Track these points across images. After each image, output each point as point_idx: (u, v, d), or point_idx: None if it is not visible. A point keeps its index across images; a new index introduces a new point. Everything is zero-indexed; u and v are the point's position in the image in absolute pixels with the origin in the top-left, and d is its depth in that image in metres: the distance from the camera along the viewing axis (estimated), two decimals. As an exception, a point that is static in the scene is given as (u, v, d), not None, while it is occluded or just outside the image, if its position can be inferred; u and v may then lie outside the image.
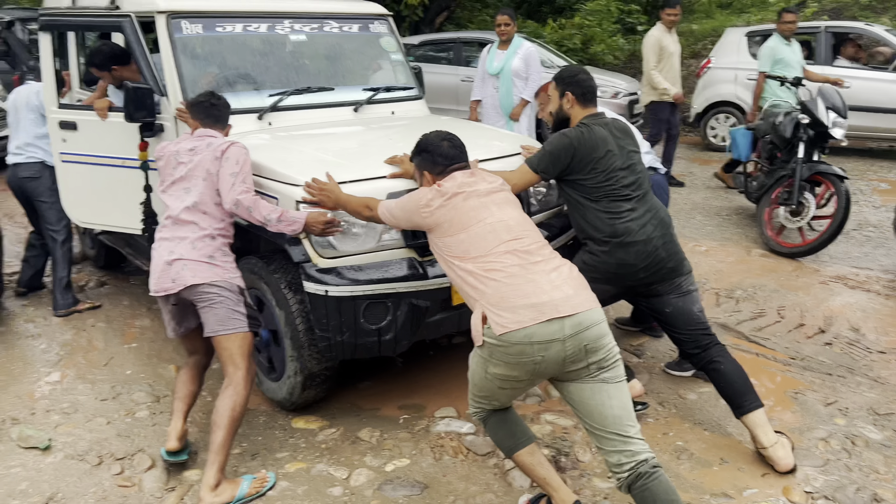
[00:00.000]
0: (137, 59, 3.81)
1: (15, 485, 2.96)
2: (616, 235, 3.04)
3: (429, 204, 2.58)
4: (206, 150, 3.00)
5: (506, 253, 2.42)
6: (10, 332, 4.46)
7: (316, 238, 3.01)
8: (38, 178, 4.59)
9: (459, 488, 2.92)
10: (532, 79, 5.80)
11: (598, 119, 3.12)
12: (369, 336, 3.04)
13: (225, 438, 2.80)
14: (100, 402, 3.61)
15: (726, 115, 9.36)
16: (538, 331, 2.27)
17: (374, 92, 4.28)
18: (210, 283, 2.86)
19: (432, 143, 2.75)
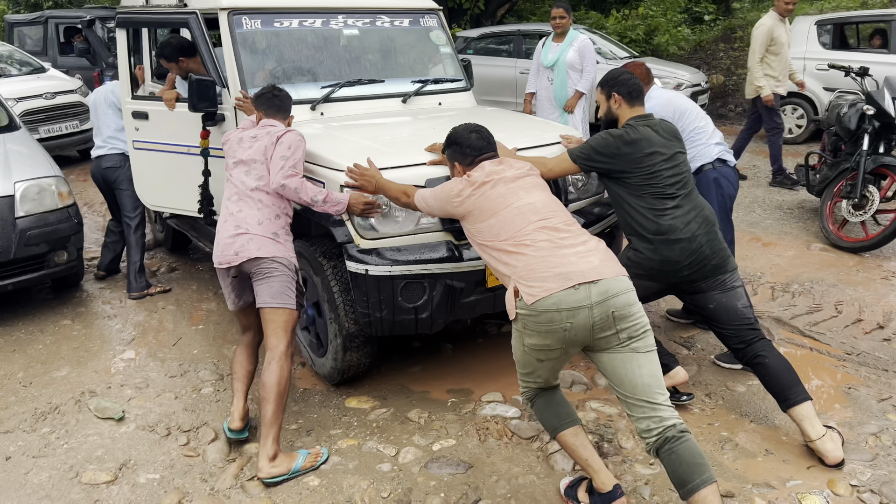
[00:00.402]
0: (201, 53, 4.06)
1: (92, 451, 3.22)
2: (660, 233, 3.07)
3: (459, 194, 2.71)
4: (266, 137, 3.18)
5: (535, 231, 2.52)
6: (89, 313, 4.78)
7: (358, 221, 3.19)
8: (119, 167, 4.91)
9: (502, 469, 3.02)
10: (587, 71, 5.80)
11: (644, 120, 3.15)
12: (406, 314, 3.21)
13: (275, 411, 2.96)
14: (169, 379, 3.86)
15: (794, 106, 9.10)
16: (565, 297, 2.36)
17: (423, 84, 4.43)
18: (272, 257, 3.03)
19: (461, 136, 2.86)
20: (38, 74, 9.52)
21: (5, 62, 9.75)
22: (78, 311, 4.79)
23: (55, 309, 4.83)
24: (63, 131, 8.87)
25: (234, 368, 3.30)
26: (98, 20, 11.29)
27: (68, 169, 8.79)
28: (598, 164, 3.14)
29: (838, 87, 7.04)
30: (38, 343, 4.33)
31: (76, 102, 9.05)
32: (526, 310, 2.42)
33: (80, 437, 3.33)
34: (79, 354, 4.17)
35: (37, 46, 11.75)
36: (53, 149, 8.60)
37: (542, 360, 2.55)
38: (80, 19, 11.26)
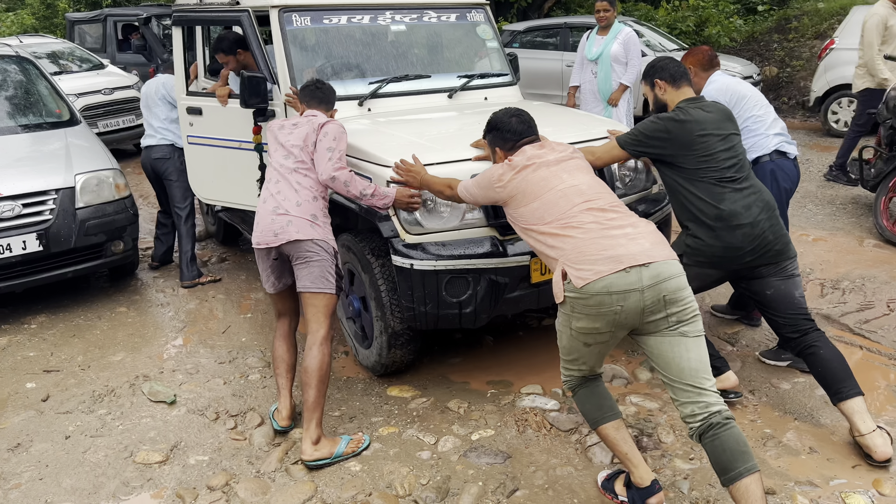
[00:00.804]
0: (253, 50, 4.17)
1: (145, 432, 3.36)
2: (721, 219, 2.99)
3: (500, 178, 2.72)
4: (307, 125, 3.24)
5: (581, 213, 2.50)
6: (143, 301, 4.97)
7: (404, 215, 3.24)
8: (168, 158, 5.09)
9: (540, 460, 3.05)
10: (632, 64, 5.75)
11: (695, 102, 3.09)
12: (450, 308, 3.25)
13: (317, 396, 3.03)
14: (218, 365, 3.99)
15: (850, 99, 8.82)
16: (616, 280, 2.34)
17: (469, 79, 4.46)
18: (312, 240, 3.07)
19: (501, 120, 2.88)
20: (98, 71, 9.87)
21: (67, 59, 10.13)
22: (133, 299, 4.98)
23: (111, 297, 5.03)
24: (120, 125, 9.20)
25: (275, 364, 3.36)
26: (154, 18, 11.63)
27: (125, 162, 9.09)
28: (649, 149, 3.09)
29: None
30: (96, 329, 4.52)
31: (133, 98, 9.36)
32: (575, 293, 2.40)
33: (134, 418, 3.48)
34: (133, 340, 4.34)
35: (96, 44, 12.17)
36: (111, 142, 8.93)
37: (589, 345, 2.54)
38: (137, 17, 11.60)
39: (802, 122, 10.39)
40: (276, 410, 3.32)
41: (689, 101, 3.11)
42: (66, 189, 4.63)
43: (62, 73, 9.58)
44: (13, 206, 4.42)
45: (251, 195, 4.33)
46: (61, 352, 4.21)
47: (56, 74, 9.28)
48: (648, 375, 3.69)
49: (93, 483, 3.01)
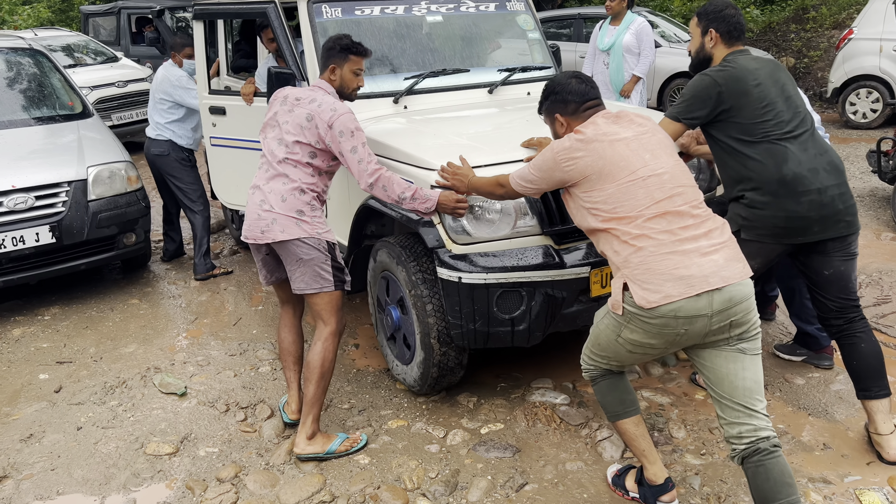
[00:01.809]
0: (280, 45, 3.92)
1: (156, 424, 3.37)
2: (784, 183, 2.71)
3: (570, 154, 2.38)
4: (307, 106, 2.95)
5: (656, 217, 2.26)
6: (155, 293, 4.99)
7: (450, 223, 2.96)
8: (166, 155, 5.01)
9: (550, 454, 3.03)
10: (644, 55, 5.68)
11: (741, 53, 2.83)
12: (502, 325, 2.98)
13: (316, 391, 2.98)
14: (229, 357, 4.00)
15: (868, 90, 8.70)
16: (685, 305, 2.18)
17: (510, 73, 4.21)
18: (298, 239, 2.91)
19: (559, 83, 2.57)
20: (112, 63, 9.94)
21: (81, 52, 10.19)
22: (145, 291, 5.00)
23: (124, 288, 5.05)
24: (134, 118, 9.25)
25: (282, 356, 3.29)
26: (167, 10, 11.66)
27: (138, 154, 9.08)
28: (702, 110, 2.79)
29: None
30: (109, 321, 4.54)
31: (146, 90, 9.37)
32: (636, 309, 2.25)
33: (145, 410, 3.49)
34: (146, 332, 4.36)
35: (110, 36, 12.24)
36: (125, 135, 8.98)
37: (633, 353, 2.41)
38: (150, 10, 11.64)
39: (820, 113, 10.23)
40: (286, 403, 3.31)
41: (737, 53, 2.86)
42: (79, 181, 4.65)
43: (76, 65, 9.64)
44: (26, 198, 4.44)
45: None
46: (74, 343, 4.24)
47: (70, 67, 9.35)
48: (661, 370, 3.65)
49: (104, 474, 3.02)
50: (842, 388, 3.42)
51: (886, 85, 8.48)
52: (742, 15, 2.93)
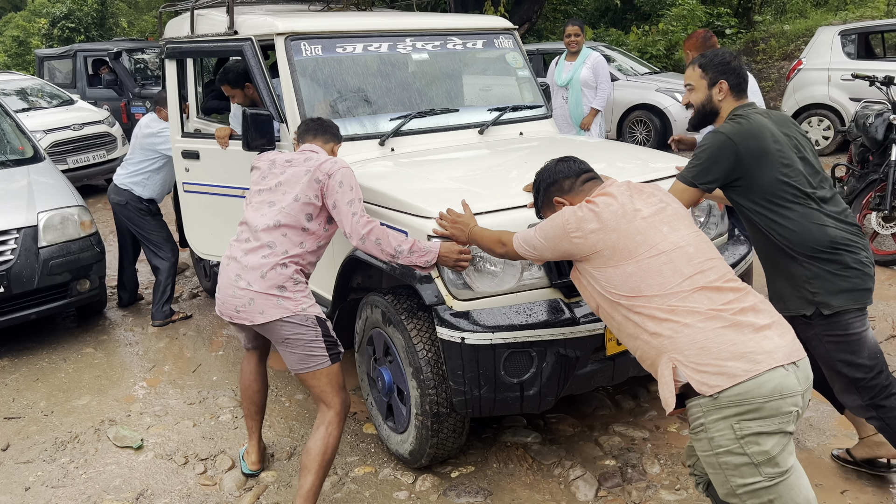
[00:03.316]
0: (257, 85, 3.68)
1: (109, 481, 3.20)
2: (835, 245, 2.48)
3: (580, 226, 2.14)
4: (303, 164, 2.78)
5: (693, 292, 2.00)
6: (111, 341, 4.81)
7: (450, 277, 2.70)
8: (124, 204, 4.83)
9: (523, 496, 2.94)
10: (601, 88, 5.77)
11: (751, 108, 2.60)
12: (510, 391, 2.69)
13: (314, 483, 2.65)
14: (188, 406, 3.85)
15: (819, 118, 8.95)
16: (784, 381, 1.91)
17: (501, 112, 4.01)
18: (281, 319, 2.65)
19: (544, 172, 2.41)
20: (67, 106, 9.75)
21: (36, 95, 10.00)
22: (100, 339, 4.82)
23: (78, 337, 4.86)
24: (91, 161, 9.05)
25: (245, 403, 3.09)
26: (125, 52, 11.55)
27: (96, 197, 8.94)
28: (721, 173, 2.52)
29: (864, 98, 6.90)
30: (61, 372, 4.35)
31: (103, 133, 9.24)
32: (736, 403, 1.89)
33: (98, 466, 3.32)
34: (100, 383, 4.19)
35: (66, 79, 12.05)
36: (81, 178, 8.79)
37: (792, 466, 1.98)
38: (107, 52, 11.52)
39: (774, 142, 10.51)
40: (245, 452, 3.17)
41: (745, 107, 2.61)
42: (29, 228, 4.48)
43: (31, 109, 9.45)
44: (-27, 246, 4.27)
45: None
46: (23, 397, 4.04)
47: (24, 111, 9.16)
48: (632, 404, 3.60)
49: (52, 538, 2.85)
50: (812, 415, 3.41)
51: (836, 113, 8.72)
52: (745, 69, 2.72)
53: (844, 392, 2.66)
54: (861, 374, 2.56)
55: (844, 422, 3.26)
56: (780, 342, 1.95)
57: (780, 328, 2.00)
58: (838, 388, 2.68)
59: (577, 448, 3.25)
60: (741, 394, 1.88)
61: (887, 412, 2.58)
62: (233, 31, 3.82)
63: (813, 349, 2.63)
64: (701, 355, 1.93)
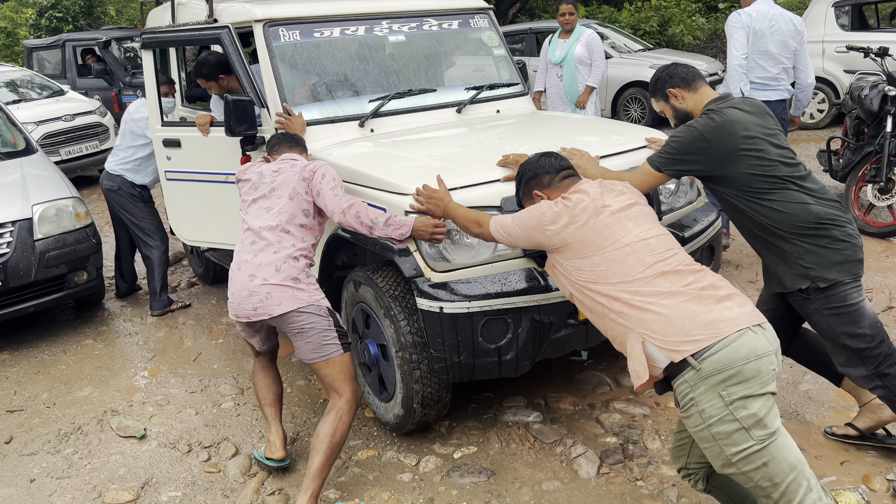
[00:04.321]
0: (236, 71, 3.74)
1: (114, 470, 3.22)
2: (821, 220, 2.55)
3: (555, 220, 2.29)
4: (291, 170, 2.95)
5: (655, 277, 2.13)
6: (110, 331, 4.81)
7: (427, 250, 2.82)
8: (116, 190, 4.81)
9: (525, 475, 2.96)
10: (596, 65, 5.74)
11: (724, 101, 2.66)
12: (488, 356, 2.83)
13: (322, 464, 2.71)
14: (189, 395, 3.86)
15: (814, 91, 8.91)
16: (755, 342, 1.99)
17: (478, 90, 4.08)
18: (297, 309, 2.75)
19: (528, 165, 2.53)
20: (58, 97, 9.67)
21: (26, 87, 9.91)
22: (100, 330, 4.82)
23: (78, 329, 4.87)
24: (83, 152, 8.99)
25: (259, 394, 3.14)
26: (114, 41, 11.44)
27: (90, 188, 8.90)
28: (690, 165, 2.64)
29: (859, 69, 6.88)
30: (62, 364, 4.36)
31: (95, 123, 9.17)
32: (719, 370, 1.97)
33: (102, 456, 3.34)
34: (101, 373, 4.19)
35: (56, 70, 11.94)
36: (75, 169, 8.74)
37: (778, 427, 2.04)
38: (96, 41, 11.41)
39: (769, 116, 10.49)
40: (267, 446, 3.09)
41: (718, 100, 2.68)
42: (24, 220, 4.47)
43: (21, 101, 9.37)
44: (-32, 241, 4.26)
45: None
46: (25, 390, 4.05)
47: (14, 103, 9.08)
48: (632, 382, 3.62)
49: (59, 528, 2.87)
50: (810, 388, 3.44)
51: (831, 85, 8.70)
52: (685, 64, 2.85)
53: (848, 364, 2.70)
54: (864, 343, 2.60)
55: (842, 394, 3.29)
56: (740, 311, 2.06)
57: (738, 299, 2.11)
58: (842, 360, 2.72)
59: (578, 426, 3.27)
60: (720, 360, 1.98)
61: (891, 380, 2.63)
62: (213, 19, 3.85)
63: (815, 324, 2.69)
64: (667, 328, 2.05)
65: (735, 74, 4.73)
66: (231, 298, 2.86)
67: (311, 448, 2.75)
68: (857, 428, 2.95)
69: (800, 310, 2.72)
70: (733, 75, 4.75)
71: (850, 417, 3.08)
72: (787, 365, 3.58)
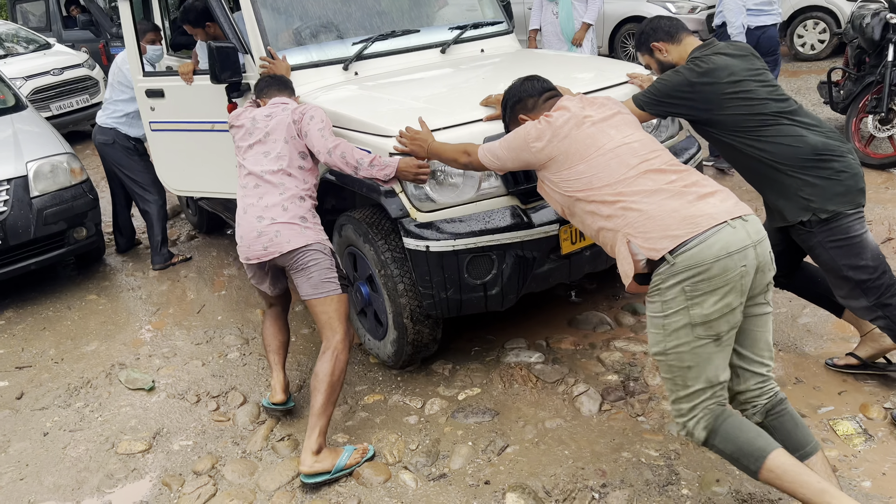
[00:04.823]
0: (217, 17, 3.71)
1: (125, 422, 3.28)
2: (819, 151, 2.55)
3: (539, 137, 2.36)
4: (282, 113, 2.98)
5: (638, 177, 2.19)
6: (113, 287, 4.84)
7: (412, 191, 2.88)
8: (111, 143, 4.76)
9: (529, 414, 3.02)
10: (592, 1, 5.60)
11: (709, 48, 2.67)
12: (475, 291, 2.94)
13: (324, 403, 2.76)
14: (195, 346, 3.90)
15: (815, 20, 8.74)
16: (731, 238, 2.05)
17: (461, 30, 4.05)
18: (305, 246, 2.81)
19: (511, 90, 2.60)
20: (45, 51, 9.48)
21: (11, 41, 9.71)
22: (103, 286, 4.85)
23: (80, 285, 4.89)
24: (74, 106, 8.87)
25: (266, 341, 3.20)
26: (98, -10, 11.16)
27: (83, 143, 8.81)
28: (674, 109, 2.70)
29: (861, -3, 6.72)
30: (67, 319, 4.40)
31: (84, 76, 9.01)
32: (689, 269, 2.04)
33: (113, 409, 3.40)
34: (107, 328, 4.23)
35: (40, 23, 11.67)
36: (66, 124, 8.64)
37: (721, 337, 2.11)
38: (80, -9, 11.14)
39: (769, 49, 10.29)
40: (271, 393, 3.14)
41: (702, 47, 2.69)
42: (19, 178, 4.44)
43: (7, 55, 9.19)
44: (-36, 200, 4.24)
45: (232, 180, 3.83)
46: (32, 346, 4.10)
47: (1, 58, 8.91)
48: (632, 320, 3.66)
49: (75, 479, 2.94)
50: (809, 321, 3.47)
51: (832, 15, 8.52)
52: (663, 18, 2.86)
53: (850, 296, 2.73)
54: (866, 275, 2.63)
55: (841, 325, 3.33)
56: (721, 206, 2.12)
57: (722, 195, 2.17)
58: (844, 293, 2.75)
59: (579, 365, 3.31)
60: (693, 256, 2.05)
61: (892, 310, 2.66)
62: None
63: (817, 257, 2.71)
64: (648, 225, 2.13)
65: (735, 8, 4.63)
66: (240, 242, 2.91)
67: (312, 388, 2.80)
68: (859, 357, 2.99)
69: (802, 244, 2.72)
70: (732, 9, 4.65)
71: (848, 348, 3.12)
72: (785, 298, 3.61)
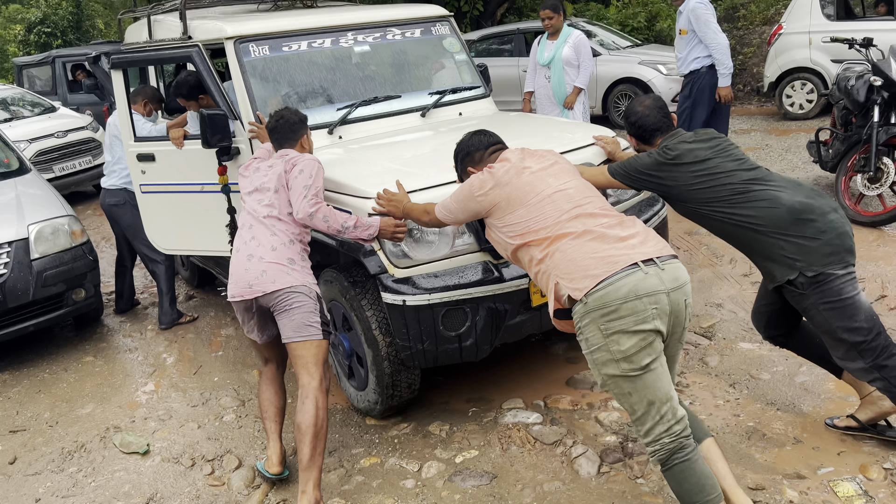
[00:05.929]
0: (208, 87, 3.89)
1: (119, 487, 3.24)
2: (798, 212, 2.60)
3: (482, 186, 2.56)
4: (281, 164, 3.10)
5: (569, 220, 2.38)
6: (110, 348, 4.83)
7: (390, 248, 3.04)
8: (122, 204, 4.82)
9: (527, 476, 2.99)
10: (584, 66, 5.76)
11: (676, 137, 2.81)
12: (450, 343, 3.07)
13: (312, 453, 2.76)
14: (191, 408, 3.88)
15: (802, 81, 8.96)
16: (640, 283, 2.20)
17: (441, 95, 4.28)
18: (289, 287, 2.88)
19: (461, 144, 2.83)
20: (49, 114, 9.68)
21: (17, 105, 9.92)
22: (100, 347, 4.84)
23: (77, 346, 4.88)
24: (77, 168, 9.00)
25: (262, 407, 3.18)
26: (104, 55, 11.42)
27: (85, 204, 8.91)
28: (646, 184, 2.86)
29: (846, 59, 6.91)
30: (63, 382, 4.38)
31: (88, 138, 9.18)
32: (601, 309, 2.21)
33: (106, 473, 3.36)
34: (102, 390, 4.21)
35: (46, 86, 11.94)
36: (69, 185, 8.75)
37: (649, 366, 2.26)
38: (85, 56, 11.41)
39: (759, 108, 10.52)
40: (266, 460, 3.11)
41: (670, 137, 2.83)
42: (20, 241, 4.49)
43: (13, 119, 9.37)
44: (-35, 263, 4.27)
45: (221, 239, 4.05)
46: (27, 409, 4.07)
47: (6, 122, 9.09)
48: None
49: (66, 547, 2.89)
50: (806, 379, 3.47)
51: (819, 76, 8.73)
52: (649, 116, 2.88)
53: (846, 358, 2.73)
54: (861, 336, 2.64)
55: (840, 385, 3.32)
56: (642, 249, 2.29)
57: (644, 236, 2.35)
58: (840, 354, 2.75)
59: (577, 426, 3.30)
60: (602, 297, 2.22)
61: (890, 371, 2.66)
62: (187, 36, 3.97)
63: (812, 319, 2.73)
64: (571, 267, 2.30)
65: (727, 52, 5.51)
66: (230, 279, 3.00)
67: (297, 441, 2.80)
68: (858, 420, 2.97)
69: (796, 305, 2.75)
70: (726, 52, 5.52)
71: (847, 408, 3.11)
72: (782, 357, 3.62)
